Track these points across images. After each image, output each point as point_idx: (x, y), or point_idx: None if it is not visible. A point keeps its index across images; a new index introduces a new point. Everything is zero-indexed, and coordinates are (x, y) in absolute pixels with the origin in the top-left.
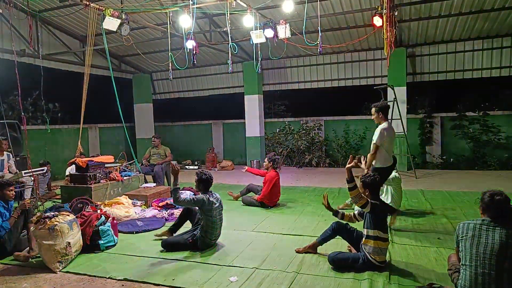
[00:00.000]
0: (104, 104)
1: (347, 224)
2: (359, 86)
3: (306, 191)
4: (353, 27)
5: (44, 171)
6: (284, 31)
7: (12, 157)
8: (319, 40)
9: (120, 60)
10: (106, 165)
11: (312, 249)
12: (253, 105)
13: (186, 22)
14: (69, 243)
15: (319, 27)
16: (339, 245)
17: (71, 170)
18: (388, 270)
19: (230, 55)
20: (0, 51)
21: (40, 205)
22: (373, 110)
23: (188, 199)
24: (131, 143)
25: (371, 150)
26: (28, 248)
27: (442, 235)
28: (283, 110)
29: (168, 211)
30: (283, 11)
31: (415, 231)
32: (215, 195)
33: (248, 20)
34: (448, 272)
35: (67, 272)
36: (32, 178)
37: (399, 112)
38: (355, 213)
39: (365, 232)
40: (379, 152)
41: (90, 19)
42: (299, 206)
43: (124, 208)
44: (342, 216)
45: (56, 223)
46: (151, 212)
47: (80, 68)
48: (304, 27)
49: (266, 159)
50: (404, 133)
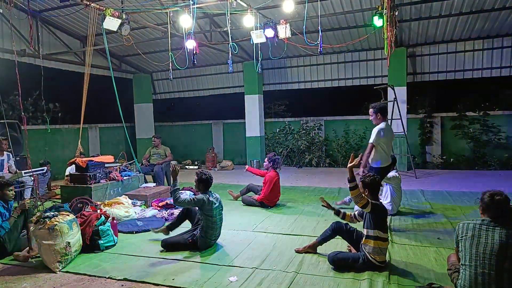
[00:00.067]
0: (104, 104)
1: (347, 224)
2: (359, 86)
3: (306, 191)
4: (353, 27)
5: (44, 171)
6: (284, 31)
7: (12, 157)
8: (319, 40)
9: (121, 60)
10: (106, 165)
11: (311, 249)
12: (253, 105)
13: (186, 22)
14: (68, 243)
15: (319, 27)
16: (338, 245)
17: (71, 170)
18: (388, 270)
19: (230, 55)
20: (1, 51)
21: (40, 205)
22: (371, 111)
23: (188, 199)
24: (131, 143)
25: (366, 149)
26: (27, 248)
27: (442, 235)
28: (283, 110)
29: (168, 211)
30: (284, 11)
31: (415, 231)
32: (214, 195)
33: (248, 20)
34: (448, 272)
35: (67, 272)
36: (32, 178)
37: (399, 112)
38: (355, 213)
39: (365, 232)
40: (377, 151)
41: (91, 19)
42: (299, 206)
43: (124, 208)
44: (343, 216)
45: (56, 223)
46: (151, 212)
47: (80, 68)
48: (304, 27)
49: (266, 159)
50: (404, 133)
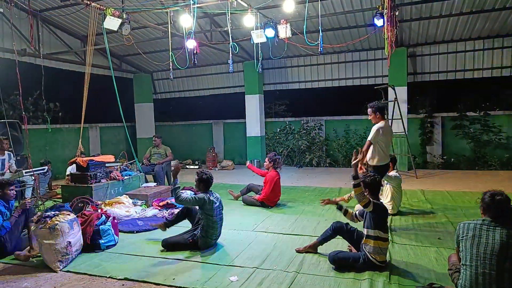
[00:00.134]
0: (105, 103)
1: (347, 224)
2: (360, 86)
3: (307, 191)
4: (354, 26)
5: (44, 171)
6: (284, 31)
7: (13, 156)
8: (319, 39)
9: (121, 59)
10: (106, 164)
11: (312, 248)
12: (253, 104)
13: (186, 21)
14: (69, 242)
15: (319, 27)
16: (339, 244)
17: (71, 169)
18: (389, 270)
19: (230, 55)
20: (1, 50)
21: (41, 204)
22: (369, 111)
23: (189, 198)
24: (132, 142)
25: (364, 147)
26: (28, 247)
27: (442, 235)
28: (284, 110)
29: (168, 210)
30: (284, 11)
31: (416, 231)
32: (215, 194)
33: (248, 20)
34: (449, 272)
35: (68, 271)
36: (33, 178)
37: (399, 112)
38: (356, 212)
39: (365, 232)
40: (375, 149)
41: (91, 19)
42: (299, 206)
43: (124, 208)
44: (345, 212)
45: (56, 222)
46: (152, 211)
47: (81, 68)
48: (305, 26)
49: (267, 159)
50: (404, 133)
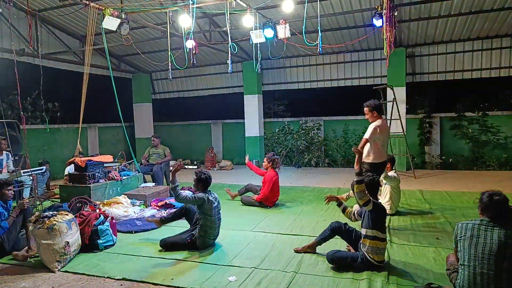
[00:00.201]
0: (104, 103)
1: (346, 224)
2: (359, 86)
3: (305, 191)
4: (352, 27)
5: (43, 171)
6: (283, 31)
7: (11, 156)
8: (319, 40)
9: (120, 59)
10: (105, 164)
11: (311, 248)
12: (252, 105)
13: (185, 21)
14: (67, 242)
15: (319, 27)
16: (337, 244)
17: (70, 169)
18: (387, 270)
19: (229, 55)
20: (0, 50)
21: (39, 204)
22: (366, 110)
23: (189, 197)
24: (130, 142)
25: (360, 144)
26: (26, 247)
27: (440, 235)
28: (283, 110)
29: (167, 210)
30: (283, 11)
31: (414, 231)
32: (213, 194)
33: (247, 20)
34: (447, 272)
35: (66, 271)
36: (31, 178)
37: (398, 112)
38: (355, 211)
39: (363, 231)
40: (371, 147)
41: (90, 19)
42: (298, 206)
43: (123, 208)
44: (344, 209)
45: (54, 222)
46: (150, 211)
47: (79, 68)
48: (304, 27)
49: (265, 159)
50: (403, 133)
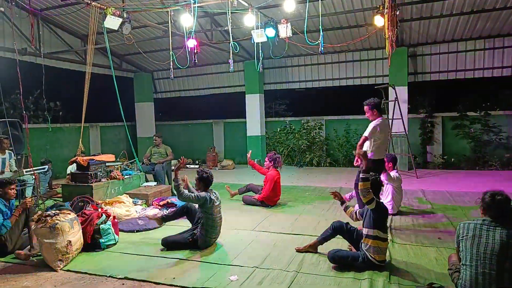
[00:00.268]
0: (106, 103)
1: (347, 223)
2: (360, 86)
3: (307, 191)
4: (354, 26)
5: (45, 170)
6: (285, 30)
7: (14, 155)
8: (320, 39)
9: (122, 59)
10: (107, 163)
11: (312, 248)
12: (254, 104)
13: (187, 21)
14: (70, 241)
15: (320, 26)
16: (339, 244)
17: (72, 168)
18: (388, 269)
19: (231, 54)
20: (2, 49)
21: (41, 203)
22: (366, 108)
23: (192, 195)
24: (132, 142)
25: (359, 141)
26: (29, 246)
27: (442, 235)
28: (284, 109)
29: (168, 210)
30: (285, 10)
31: (416, 230)
32: (215, 193)
33: (249, 19)
34: (449, 272)
35: (68, 270)
36: (34, 177)
37: (400, 111)
38: (357, 211)
39: (365, 231)
40: (371, 144)
41: (92, 18)
42: (299, 206)
43: (125, 207)
44: (346, 208)
45: (57, 221)
46: (152, 211)
47: (81, 67)
48: (305, 26)
49: (267, 158)
50: (405, 132)
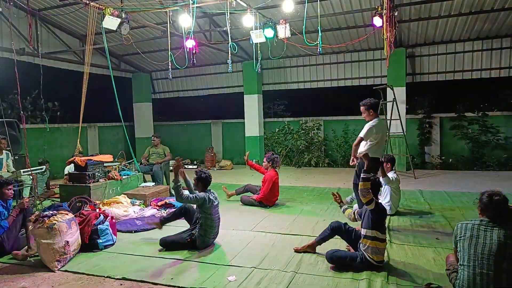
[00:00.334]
0: (104, 103)
1: (346, 224)
2: (359, 86)
3: (305, 191)
4: (353, 27)
5: (42, 170)
6: (284, 31)
7: (11, 155)
8: (319, 40)
9: (120, 59)
10: (105, 164)
11: (310, 248)
12: (252, 104)
13: (186, 21)
14: (67, 242)
15: (319, 27)
16: (337, 245)
17: (70, 169)
18: (386, 270)
19: (229, 55)
20: (0, 49)
21: (39, 203)
22: (362, 109)
23: (191, 196)
24: (130, 142)
25: (355, 141)
26: (26, 247)
27: (440, 235)
28: (283, 109)
29: (166, 210)
30: (283, 11)
31: (414, 231)
32: (213, 193)
33: (248, 20)
34: (446, 272)
35: (66, 271)
36: (31, 177)
37: (398, 112)
38: (355, 211)
39: (363, 232)
40: (367, 143)
41: (90, 18)
42: (298, 206)
43: (122, 207)
44: (344, 211)
45: (54, 222)
46: (150, 211)
47: (79, 67)
48: (304, 27)
49: (265, 159)
50: (403, 133)
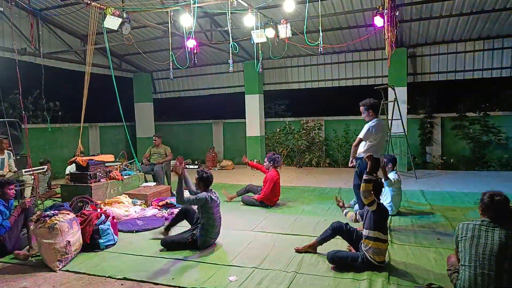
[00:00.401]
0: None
1: (347, 224)
2: (360, 86)
3: (306, 191)
4: (354, 27)
5: (44, 170)
6: (285, 31)
7: (13, 155)
8: (320, 40)
9: (121, 59)
10: (106, 164)
11: (311, 248)
12: (253, 104)
13: (187, 21)
14: (69, 241)
15: (320, 27)
16: (338, 245)
17: (71, 169)
18: (387, 270)
19: (231, 55)
20: (1, 49)
21: (40, 203)
22: (362, 109)
23: (192, 198)
24: (132, 142)
25: (354, 142)
26: (28, 246)
27: (441, 235)
28: (284, 109)
29: (168, 210)
30: (284, 11)
31: (415, 231)
32: (215, 193)
33: (249, 20)
34: (447, 272)
35: (67, 271)
36: (33, 177)
37: (399, 112)
38: (357, 213)
39: (365, 233)
40: (366, 144)
41: (91, 18)
42: (299, 206)
43: (124, 207)
44: (345, 214)
45: (56, 221)
46: (151, 211)
47: (81, 67)
48: (305, 26)
49: (266, 159)
50: (404, 133)
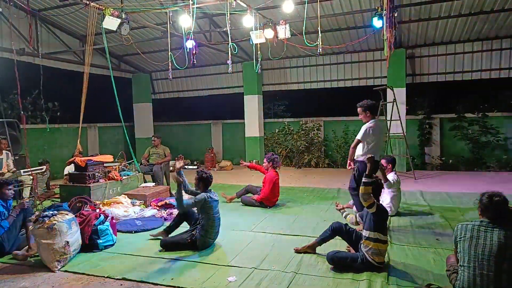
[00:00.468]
0: (104, 103)
1: (346, 224)
2: (359, 87)
3: (305, 191)
4: (353, 28)
5: (43, 170)
6: (284, 32)
7: (11, 156)
8: (319, 40)
9: (120, 59)
10: (105, 164)
11: (311, 249)
12: (252, 105)
13: (186, 22)
14: (67, 242)
15: (319, 28)
16: (337, 245)
17: (70, 169)
18: (387, 270)
19: (229, 55)
20: (0, 49)
21: (39, 204)
22: (359, 110)
23: (191, 202)
24: (130, 142)
25: (352, 144)
26: (26, 247)
27: (440, 236)
28: (283, 110)
29: (166, 210)
30: (283, 12)
31: (414, 232)
32: (214, 193)
33: (248, 20)
34: (447, 273)
35: (66, 271)
36: (31, 177)
37: (398, 113)
38: (356, 215)
39: (365, 234)
40: (364, 147)
41: (90, 18)
42: (298, 206)
43: (123, 208)
44: (345, 217)
45: (54, 222)
46: (150, 211)
47: (79, 67)
48: (304, 27)
49: (265, 159)
50: (403, 134)
